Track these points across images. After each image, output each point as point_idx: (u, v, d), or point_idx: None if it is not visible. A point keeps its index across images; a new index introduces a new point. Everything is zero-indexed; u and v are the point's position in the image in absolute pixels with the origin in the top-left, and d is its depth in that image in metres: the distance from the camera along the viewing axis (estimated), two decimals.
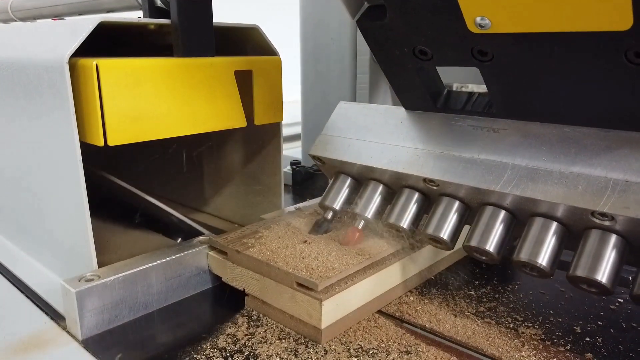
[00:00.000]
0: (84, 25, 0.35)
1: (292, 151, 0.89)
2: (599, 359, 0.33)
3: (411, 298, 0.41)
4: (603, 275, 0.31)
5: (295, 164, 0.74)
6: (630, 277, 0.37)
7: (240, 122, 0.43)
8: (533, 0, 0.28)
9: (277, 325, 0.37)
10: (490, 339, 0.35)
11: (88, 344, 0.35)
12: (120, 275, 0.37)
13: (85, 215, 0.37)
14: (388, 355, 0.33)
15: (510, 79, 0.34)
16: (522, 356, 0.33)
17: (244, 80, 0.44)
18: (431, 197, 0.40)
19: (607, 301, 0.40)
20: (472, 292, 0.42)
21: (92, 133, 0.35)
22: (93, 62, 0.34)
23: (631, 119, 0.32)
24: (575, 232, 0.33)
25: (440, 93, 0.41)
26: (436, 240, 0.37)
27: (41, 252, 0.46)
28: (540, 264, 0.32)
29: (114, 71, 0.35)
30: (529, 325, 0.37)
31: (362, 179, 0.44)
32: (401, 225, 0.39)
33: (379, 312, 0.39)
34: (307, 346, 0.34)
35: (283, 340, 0.35)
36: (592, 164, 0.32)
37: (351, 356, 0.33)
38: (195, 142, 0.55)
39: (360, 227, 0.41)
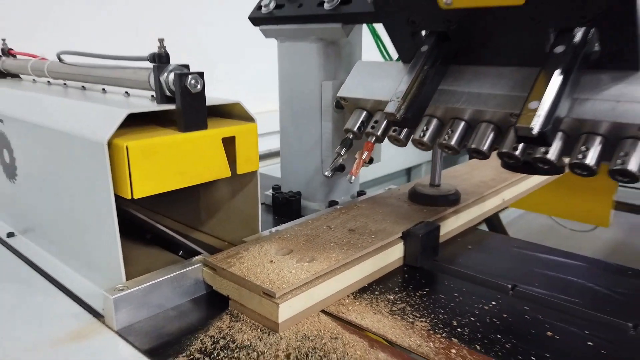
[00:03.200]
0: (117, 116, 0.51)
1: (273, 167, 1.05)
2: (461, 342, 0.50)
3: (347, 301, 0.58)
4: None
5: (276, 189, 0.91)
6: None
7: (226, 173, 0.60)
8: None
9: (250, 320, 0.54)
10: (393, 329, 0.52)
11: (121, 333, 0.51)
12: (142, 286, 0.53)
13: (118, 243, 0.53)
14: (322, 340, 0.50)
15: (467, 37, 0.53)
16: (411, 340, 0.50)
17: (230, 141, 0.60)
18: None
19: (484, 303, 0.57)
20: (391, 297, 0.59)
21: (123, 189, 0.52)
22: (125, 143, 0.50)
23: (536, 58, 0.49)
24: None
25: None
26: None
27: (81, 267, 0.63)
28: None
29: (138, 148, 0.51)
30: (422, 320, 0.54)
31: (373, 111, 0.65)
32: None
33: (322, 311, 0.55)
34: (269, 334, 0.51)
35: (253, 330, 0.52)
36: (515, 88, 0.52)
37: (297, 340, 0.50)
38: None
39: (372, 141, 0.64)
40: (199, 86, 0.54)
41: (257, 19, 0.81)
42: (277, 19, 0.78)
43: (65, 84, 0.78)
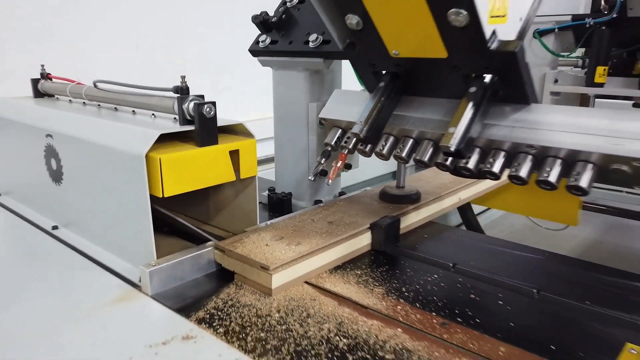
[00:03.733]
0: (152, 135, 0.69)
1: (269, 172, 1.24)
2: (406, 302, 0.68)
3: (324, 275, 0.75)
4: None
5: (271, 190, 1.08)
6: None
7: (231, 178, 0.78)
8: (413, 47, 0.64)
9: (250, 288, 0.71)
10: (357, 293, 0.69)
11: (154, 297, 0.69)
12: (169, 262, 0.71)
13: (151, 230, 0.71)
14: (304, 300, 0.68)
15: (413, 76, 0.71)
16: (369, 301, 0.68)
17: (235, 152, 0.78)
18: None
19: (429, 276, 0.75)
20: (358, 272, 0.76)
21: (156, 190, 0.69)
22: (158, 156, 0.68)
23: (460, 93, 0.66)
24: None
25: None
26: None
27: (119, 251, 0.80)
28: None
29: (168, 160, 0.69)
30: (380, 287, 0.71)
31: (347, 129, 0.83)
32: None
33: (305, 282, 0.73)
34: (265, 297, 0.68)
35: (253, 295, 0.69)
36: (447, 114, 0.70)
37: (285, 301, 0.67)
38: None
39: (345, 152, 0.81)
40: (212, 112, 0.72)
41: (255, 51, 0.99)
42: (272, 52, 0.96)
43: (99, 105, 0.96)
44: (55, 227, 0.93)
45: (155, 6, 1.57)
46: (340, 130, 0.84)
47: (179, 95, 0.74)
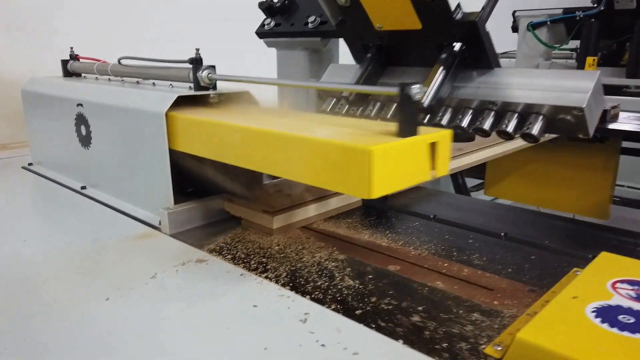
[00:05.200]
0: (171, 96, 0.81)
1: None
2: (389, 240, 0.78)
3: (319, 222, 0.87)
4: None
5: None
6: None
7: (426, 176, 0.61)
8: (393, 20, 0.75)
9: (255, 230, 0.83)
10: (346, 233, 0.81)
11: (172, 235, 0.81)
12: (184, 207, 0.83)
13: (169, 178, 0.83)
14: (300, 238, 0.79)
15: (395, 47, 0.82)
16: (360, 237, 0.79)
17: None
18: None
19: (410, 223, 0.86)
20: (349, 220, 0.87)
21: (361, 187, 0.54)
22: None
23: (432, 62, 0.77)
24: None
25: None
26: None
27: (140, 202, 0.92)
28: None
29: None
30: (367, 231, 0.83)
31: (339, 98, 0.92)
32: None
33: (302, 227, 0.85)
34: (267, 236, 0.80)
35: (257, 234, 0.81)
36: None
37: (284, 239, 0.79)
38: None
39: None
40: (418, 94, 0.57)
41: (261, 33, 1.11)
42: (276, 33, 1.08)
43: (123, 80, 1.08)
44: (83, 187, 1.05)
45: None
46: (334, 99, 0.95)
47: (193, 65, 0.86)
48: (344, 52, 1.13)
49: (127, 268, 0.69)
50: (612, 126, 1.13)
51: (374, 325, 0.54)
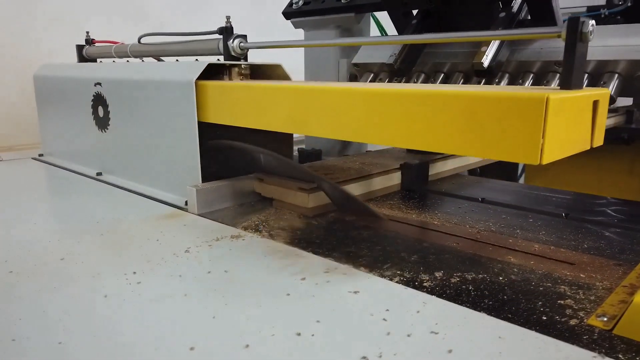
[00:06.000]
0: (200, 65, 0.74)
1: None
2: (434, 219, 0.71)
3: None
4: None
5: (300, 149, 1.13)
6: None
7: (586, 145, 0.49)
8: None
9: (286, 210, 0.75)
10: (392, 212, 0.73)
11: (200, 214, 0.73)
12: (213, 185, 0.76)
13: (197, 153, 0.76)
14: (341, 217, 0.71)
15: (442, 13, 0.77)
16: (407, 217, 0.71)
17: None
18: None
19: (457, 205, 0.78)
20: (392, 202, 0.80)
21: (532, 152, 0.41)
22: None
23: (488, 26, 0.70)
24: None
25: None
26: None
27: (163, 185, 0.85)
28: None
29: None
30: (413, 211, 0.75)
31: (378, 73, 0.87)
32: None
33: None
34: (301, 217, 0.73)
35: (291, 214, 0.73)
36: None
37: (316, 216, 0.71)
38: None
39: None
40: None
41: (288, 13, 1.05)
42: (305, 12, 1.02)
43: (142, 60, 1.02)
44: (99, 174, 0.98)
45: None
46: (372, 75, 0.88)
47: (224, 34, 0.80)
48: (374, 33, 1.07)
49: (157, 244, 0.61)
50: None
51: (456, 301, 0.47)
